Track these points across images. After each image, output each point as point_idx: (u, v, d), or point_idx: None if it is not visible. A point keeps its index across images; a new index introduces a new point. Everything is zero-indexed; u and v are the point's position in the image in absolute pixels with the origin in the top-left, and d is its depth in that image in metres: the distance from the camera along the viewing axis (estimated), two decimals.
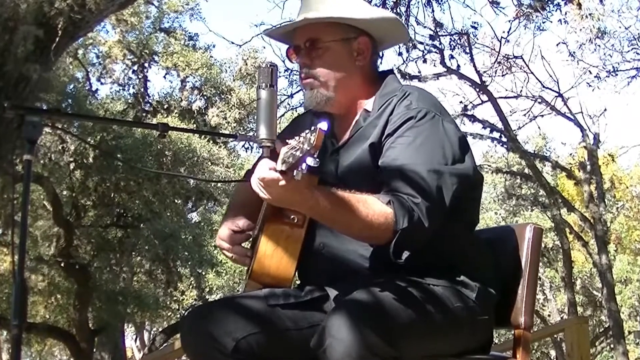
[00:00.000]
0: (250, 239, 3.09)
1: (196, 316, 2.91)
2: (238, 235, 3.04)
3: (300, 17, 3.01)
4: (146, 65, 21.85)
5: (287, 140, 2.46)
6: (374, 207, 2.61)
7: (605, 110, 23.00)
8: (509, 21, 16.58)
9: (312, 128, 2.34)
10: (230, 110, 21.40)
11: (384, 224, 2.60)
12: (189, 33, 22.53)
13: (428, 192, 2.66)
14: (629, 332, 27.19)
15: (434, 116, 2.82)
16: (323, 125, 2.33)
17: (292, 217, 2.86)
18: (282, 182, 2.44)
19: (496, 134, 18.98)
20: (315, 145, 2.31)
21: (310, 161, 2.33)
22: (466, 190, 2.81)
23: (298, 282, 3.06)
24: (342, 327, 2.45)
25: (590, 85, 18.58)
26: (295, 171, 2.37)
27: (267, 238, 2.90)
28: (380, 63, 3.25)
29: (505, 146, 19.64)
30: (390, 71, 3.15)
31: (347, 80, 2.99)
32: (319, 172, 2.82)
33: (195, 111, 21.69)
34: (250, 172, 2.85)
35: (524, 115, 20.24)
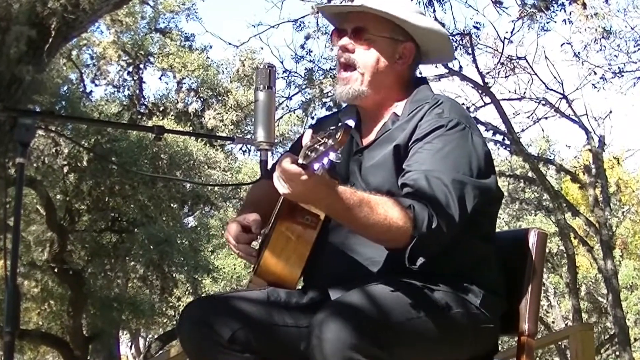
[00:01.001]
0: (260, 237, 3.10)
1: (196, 307, 2.93)
2: (244, 235, 3.05)
3: (359, 2, 3.05)
4: (141, 66, 21.84)
5: (312, 135, 2.48)
6: (393, 210, 2.61)
7: (610, 112, 23.02)
8: (513, 21, 16.61)
9: (339, 124, 2.35)
10: (227, 113, 21.39)
11: (402, 228, 2.61)
12: (185, 34, 22.54)
13: (450, 201, 2.68)
14: (635, 339, 27.18)
15: (464, 127, 2.86)
16: (350, 122, 2.35)
17: (305, 217, 2.87)
18: (304, 176, 2.45)
19: (499, 137, 19.01)
20: (340, 141, 2.32)
21: (332, 156, 2.34)
22: (484, 205, 2.85)
23: (303, 284, 3.07)
24: (327, 327, 2.47)
25: (595, 87, 18.59)
26: (316, 165, 2.39)
27: (278, 236, 2.91)
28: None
29: (508, 149, 19.64)
30: (424, 80, 3.20)
31: (382, 78, 3.03)
32: (343, 170, 2.89)
33: (192, 113, 21.68)
34: (269, 171, 2.85)
35: (528, 117, 20.27)
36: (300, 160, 2.44)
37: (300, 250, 2.91)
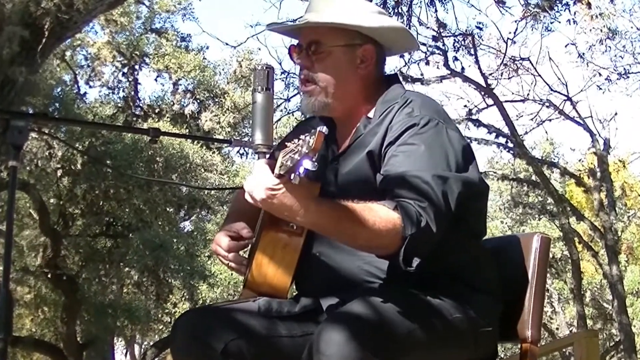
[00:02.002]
0: (248, 247, 3.09)
1: (188, 319, 2.91)
2: (235, 243, 3.03)
3: (305, 17, 3.02)
4: (137, 67, 21.86)
5: (286, 144, 2.44)
6: (380, 213, 2.57)
7: (615, 114, 22.94)
8: (516, 21, 16.55)
9: (312, 130, 2.31)
10: (224, 115, 21.39)
11: (392, 230, 2.56)
12: (182, 34, 22.56)
13: (434, 197, 2.65)
14: None
15: (437, 123, 2.82)
16: (323, 127, 2.31)
17: (290, 224, 2.84)
18: (279, 186, 2.42)
19: (502, 139, 19.00)
20: (314, 148, 2.28)
21: (308, 164, 2.29)
22: (470, 200, 2.81)
23: (295, 292, 3.06)
24: (330, 342, 2.44)
25: (600, 88, 18.61)
26: (292, 175, 2.34)
27: (264, 246, 2.89)
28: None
29: (511, 152, 19.64)
30: (395, 76, 3.17)
31: (346, 87, 3.00)
32: (320, 180, 2.83)
33: (188, 115, 21.68)
34: None
35: (531, 119, 20.26)
36: (276, 171, 2.41)
37: (288, 259, 2.89)
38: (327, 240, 2.87)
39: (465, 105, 18.87)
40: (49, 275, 18.23)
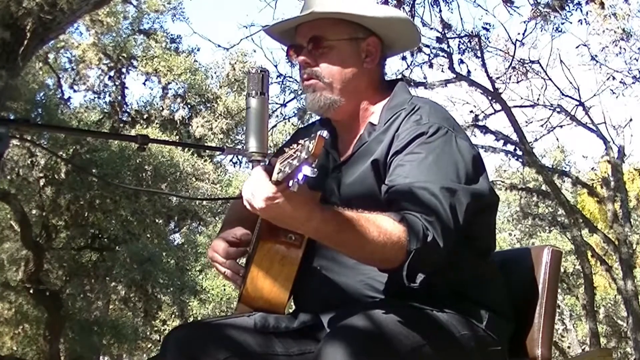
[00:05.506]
0: (246, 256, 3.08)
1: (178, 335, 2.90)
2: (233, 249, 3.03)
3: (305, 12, 3.00)
4: (124, 70, 21.90)
5: (284, 149, 2.42)
6: (385, 225, 2.55)
7: (630, 120, 23.00)
8: (525, 22, 16.61)
9: (312, 135, 2.28)
10: (216, 120, 21.42)
11: (397, 244, 2.54)
12: (171, 35, 22.66)
13: (441, 211, 2.63)
14: None
15: (446, 132, 2.81)
16: (323, 132, 2.28)
17: (289, 235, 2.83)
18: (277, 194, 2.38)
19: (510, 147, 19.02)
20: (314, 153, 2.24)
21: (307, 170, 2.25)
22: (479, 214, 2.80)
23: (293, 308, 3.06)
24: (336, 356, 2.44)
25: (614, 93, 18.64)
26: (290, 181, 2.29)
27: (261, 259, 2.88)
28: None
29: (520, 160, 19.64)
30: (400, 80, 3.15)
31: (353, 83, 2.99)
32: (321, 189, 2.80)
33: (178, 121, 21.72)
34: None
35: (541, 126, 20.30)
36: (274, 178, 2.37)
37: (286, 272, 2.87)
38: (328, 252, 2.87)
39: (471, 111, 18.90)
40: (31, 291, 18.23)
